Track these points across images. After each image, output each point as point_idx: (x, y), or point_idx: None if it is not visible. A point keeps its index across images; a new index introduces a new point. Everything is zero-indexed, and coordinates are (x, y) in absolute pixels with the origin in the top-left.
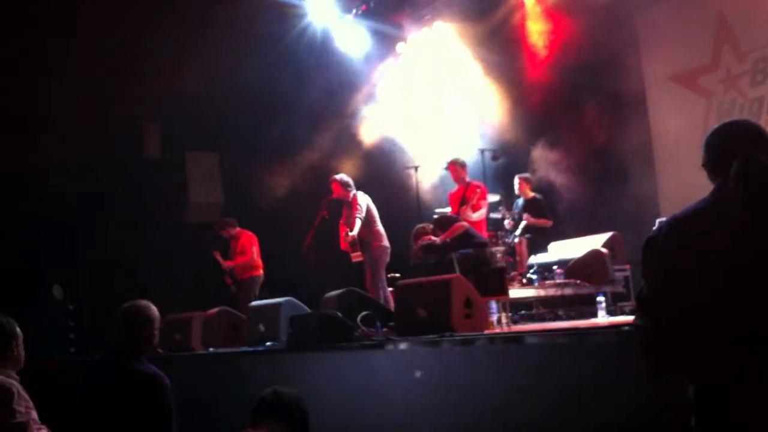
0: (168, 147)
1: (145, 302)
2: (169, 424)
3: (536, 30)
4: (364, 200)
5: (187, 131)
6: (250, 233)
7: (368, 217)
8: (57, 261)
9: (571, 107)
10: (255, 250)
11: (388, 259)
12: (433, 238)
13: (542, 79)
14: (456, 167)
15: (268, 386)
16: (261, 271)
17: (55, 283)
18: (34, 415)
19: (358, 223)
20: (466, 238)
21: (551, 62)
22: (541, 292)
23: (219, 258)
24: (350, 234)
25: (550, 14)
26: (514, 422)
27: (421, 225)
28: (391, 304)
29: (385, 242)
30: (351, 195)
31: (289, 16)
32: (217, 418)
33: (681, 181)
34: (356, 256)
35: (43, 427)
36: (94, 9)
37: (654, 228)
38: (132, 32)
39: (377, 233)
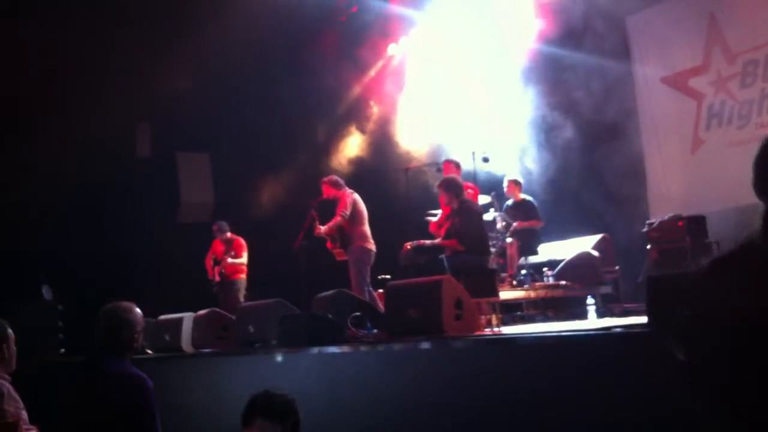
0: (159, 147)
1: (127, 303)
2: (153, 425)
3: (527, 31)
4: (351, 199)
5: (178, 131)
6: (242, 238)
7: (356, 216)
8: (47, 261)
9: (561, 109)
10: (246, 255)
11: (371, 261)
12: (424, 241)
13: (533, 81)
14: (451, 167)
15: (258, 387)
16: (245, 276)
17: (45, 283)
18: (24, 415)
19: (337, 220)
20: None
21: (542, 63)
22: (531, 294)
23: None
24: (321, 227)
25: (543, 15)
26: (504, 423)
27: None
28: (378, 305)
29: (369, 244)
30: (339, 193)
31: (281, 15)
32: (207, 420)
33: (671, 184)
34: (338, 254)
35: (32, 427)
36: (86, 10)
37: (701, 264)
38: (122, 33)
39: (361, 233)
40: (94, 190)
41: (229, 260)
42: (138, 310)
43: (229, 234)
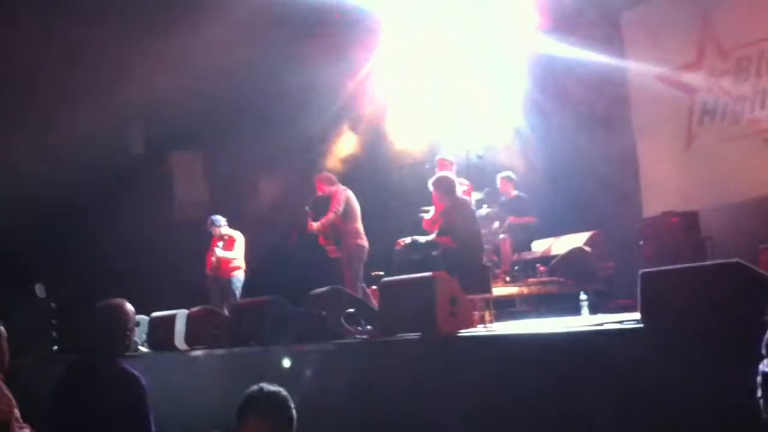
0: (153, 145)
1: (119, 301)
2: (145, 423)
3: (521, 26)
4: (344, 196)
5: (172, 130)
6: (237, 234)
7: (348, 213)
8: (40, 258)
9: (555, 104)
10: (239, 249)
11: (364, 257)
12: (417, 238)
13: (526, 76)
14: (444, 164)
15: (253, 384)
16: (242, 273)
17: (38, 281)
18: (17, 413)
19: (330, 217)
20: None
21: (535, 60)
22: (525, 290)
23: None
24: (314, 224)
25: (537, 9)
26: (497, 420)
27: None
28: (371, 302)
29: (362, 241)
30: (333, 190)
31: (276, 13)
32: (201, 417)
33: (664, 179)
34: (331, 251)
35: (25, 426)
36: (80, 8)
37: None
38: (117, 30)
39: (354, 230)
40: (88, 188)
41: (218, 252)
42: (130, 307)
43: (224, 229)
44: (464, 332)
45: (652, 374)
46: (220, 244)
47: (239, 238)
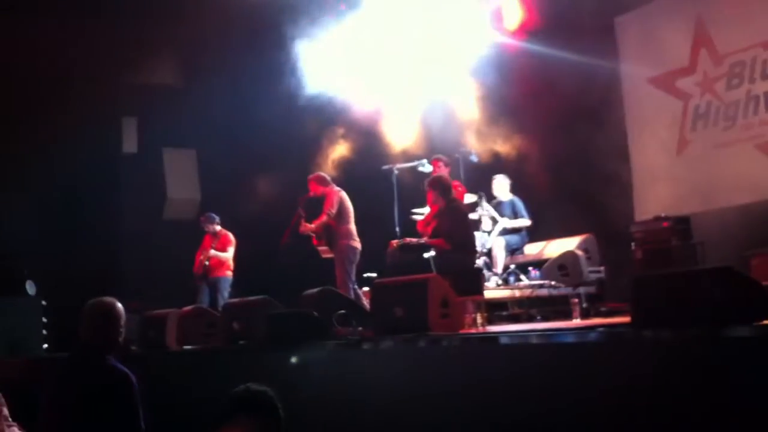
0: (145, 143)
1: (110, 299)
2: (135, 421)
3: (514, 28)
4: (337, 197)
5: (165, 127)
6: (230, 234)
7: (342, 214)
8: (30, 256)
9: (549, 108)
10: (232, 251)
11: (356, 259)
12: (410, 239)
13: (520, 80)
14: (439, 164)
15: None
16: (231, 273)
17: (29, 279)
18: (6, 412)
19: (323, 218)
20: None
21: (530, 62)
22: (517, 293)
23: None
24: (308, 225)
25: (531, 13)
26: (489, 422)
27: None
28: (363, 303)
29: (354, 242)
30: (326, 190)
31: (270, 10)
32: (191, 417)
33: (656, 184)
34: (324, 251)
35: (14, 424)
36: (72, 5)
37: None
38: (109, 26)
39: (347, 231)
40: (80, 185)
41: (212, 252)
42: (120, 306)
43: (218, 228)
44: (455, 334)
45: (642, 379)
46: (214, 244)
47: (232, 239)
